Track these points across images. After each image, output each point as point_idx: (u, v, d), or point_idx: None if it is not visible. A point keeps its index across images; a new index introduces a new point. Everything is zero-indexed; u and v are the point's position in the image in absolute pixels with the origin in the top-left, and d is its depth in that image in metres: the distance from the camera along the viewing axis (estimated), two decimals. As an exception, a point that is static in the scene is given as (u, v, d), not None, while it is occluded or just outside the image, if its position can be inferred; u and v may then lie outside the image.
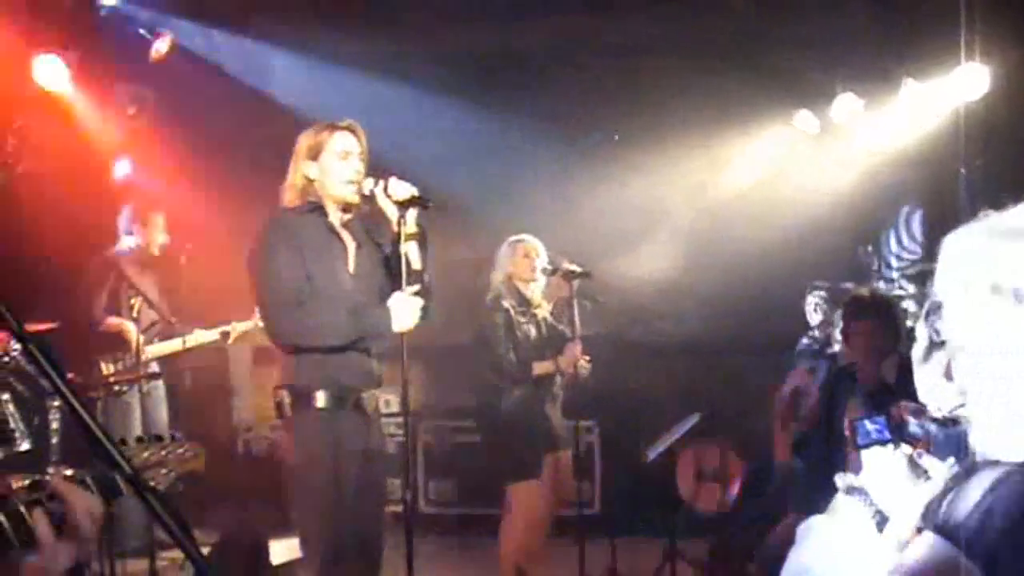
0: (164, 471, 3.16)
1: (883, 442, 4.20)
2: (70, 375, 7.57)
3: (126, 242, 9.49)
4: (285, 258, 5.69)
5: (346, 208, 5.87)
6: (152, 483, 2.97)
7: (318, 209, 5.84)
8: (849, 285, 9.61)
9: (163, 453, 3.23)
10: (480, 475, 10.24)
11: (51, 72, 9.77)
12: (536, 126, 11.43)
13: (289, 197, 5.86)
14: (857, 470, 2.98)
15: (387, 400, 6.12)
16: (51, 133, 9.98)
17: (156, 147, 11.07)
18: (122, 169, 10.98)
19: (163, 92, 11.04)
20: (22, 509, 2.43)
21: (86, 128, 10.76)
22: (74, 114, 10.51)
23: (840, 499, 2.90)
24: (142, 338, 8.77)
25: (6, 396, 7.10)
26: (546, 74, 11.34)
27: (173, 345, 9.22)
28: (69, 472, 2.66)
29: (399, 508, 5.98)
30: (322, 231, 5.83)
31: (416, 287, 5.75)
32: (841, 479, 2.91)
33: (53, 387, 2.02)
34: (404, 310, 5.66)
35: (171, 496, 2.02)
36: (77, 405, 2.00)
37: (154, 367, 9.09)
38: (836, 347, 8.92)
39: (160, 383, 9.50)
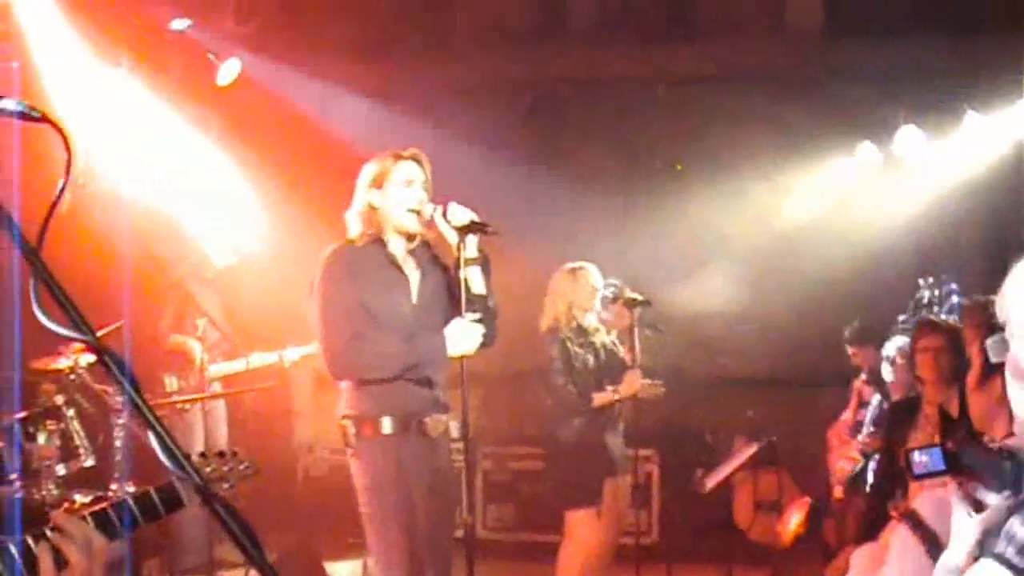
0: (225, 485, 3.23)
1: (938, 472, 4.20)
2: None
3: (191, 261, 9.58)
4: (343, 293, 5.78)
5: (410, 236, 5.91)
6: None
7: (378, 241, 5.90)
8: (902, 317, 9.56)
9: (224, 468, 3.30)
10: (539, 502, 10.26)
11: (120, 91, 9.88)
12: (599, 154, 11.47)
13: (353, 225, 5.93)
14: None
15: (450, 425, 6.12)
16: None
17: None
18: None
19: (227, 117, 11.16)
20: (29, 542, 2.56)
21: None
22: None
23: (895, 528, 2.93)
24: (206, 357, 8.85)
25: (71, 413, 7.19)
26: (610, 102, 11.37)
27: (236, 366, 9.30)
28: (84, 499, 2.77)
29: (459, 533, 5.99)
30: (383, 263, 5.88)
31: (477, 313, 5.80)
32: (895, 509, 2.94)
33: (129, 400, 2.09)
34: (460, 336, 5.71)
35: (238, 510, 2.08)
36: (152, 418, 2.07)
37: (216, 387, 9.17)
38: (888, 377, 8.86)
39: (221, 402, 9.58)
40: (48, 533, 2.62)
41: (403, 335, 5.79)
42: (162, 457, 2.21)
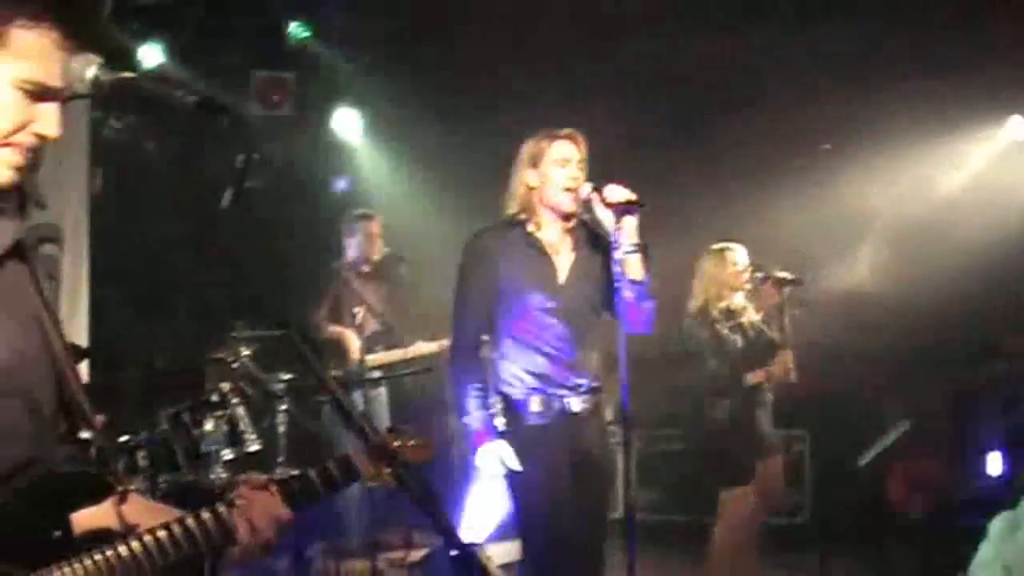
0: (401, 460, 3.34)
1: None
2: (288, 375, 7.91)
3: (348, 254, 9.76)
4: (478, 283, 5.94)
5: (566, 216, 5.93)
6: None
7: (524, 224, 5.96)
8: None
9: (397, 444, 3.43)
10: (689, 482, 10.31)
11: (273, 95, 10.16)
12: (744, 134, 11.46)
13: (509, 205, 6.01)
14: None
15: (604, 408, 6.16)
16: (270, 150, 10.37)
17: (371, 163, 11.43)
18: (340, 184, 11.33)
19: (377, 111, 11.39)
20: (222, 509, 2.77)
21: (303, 146, 11.17)
22: (293, 133, 10.92)
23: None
24: (363, 346, 8.99)
25: (236, 400, 7.39)
26: (756, 82, 11.35)
27: (393, 355, 9.47)
28: (262, 477, 2.93)
29: (616, 514, 6.03)
30: (524, 246, 5.94)
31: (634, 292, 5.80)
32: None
33: (318, 381, 2.22)
34: (482, 458, 5.86)
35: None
36: (340, 395, 2.20)
37: (376, 374, 9.31)
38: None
39: (383, 390, 9.75)
40: (238, 502, 2.80)
41: (548, 316, 5.86)
42: (348, 431, 2.34)
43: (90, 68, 2.46)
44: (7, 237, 2.65)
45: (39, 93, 2.52)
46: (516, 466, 5.70)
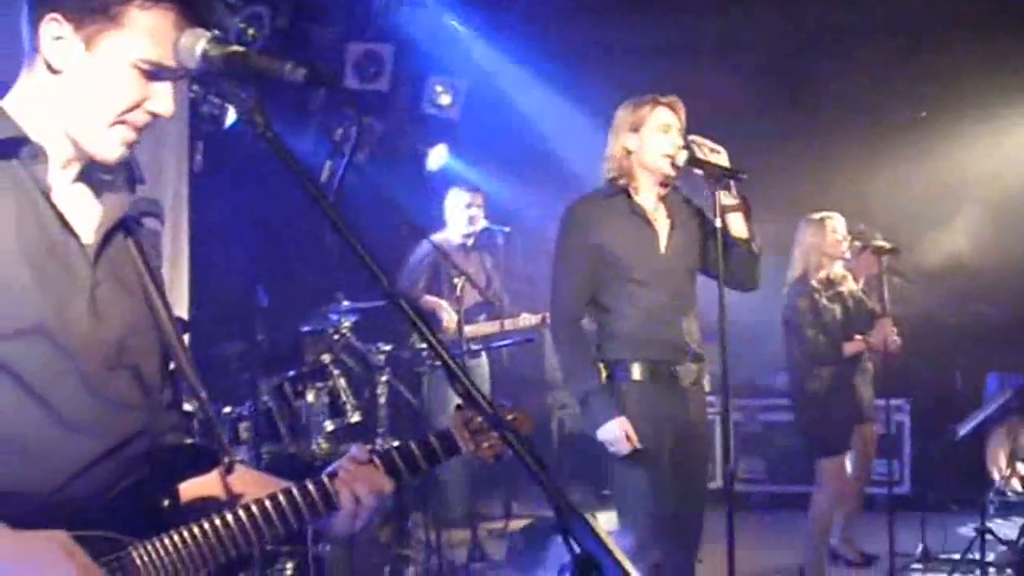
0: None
1: None
2: (387, 347, 7.96)
3: (450, 226, 9.81)
4: (577, 251, 5.86)
5: (663, 184, 5.89)
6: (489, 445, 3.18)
7: (624, 191, 5.90)
8: None
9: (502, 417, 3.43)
10: (789, 452, 10.29)
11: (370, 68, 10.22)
12: (840, 103, 11.38)
13: (608, 168, 5.94)
14: None
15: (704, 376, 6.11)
16: (368, 123, 10.42)
17: (471, 135, 11.46)
18: (438, 157, 11.36)
19: (474, 82, 11.41)
20: (325, 480, 2.80)
21: (400, 118, 11.22)
22: (389, 106, 10.97)
23: None
24: (462, 317, 9.01)
25: (337, 371, 7.46)
26: (851, 51, 11.25)
27: (491, 326, 9.50)
28: (365, 448, 2.97)
29: (715, 484, 6.00)
30: (628, 213, 5.88)
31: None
32: None
33: (430, 347, 2.23)
34: (611, 437, 5.65)
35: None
36: (452, 363, 2.21)
37: (476, 345, 9.30)
38: None
39: (483, 361, 9.77)
40: (341, 473, 2.84)
41: (650, 284, 5.81)
42: (460, 399, 2.36)
43: (199, 44, 2.48)
44: (116, 211, 2.69)
45: (154, 72, 2.57)
46: (638, 444, 5.64)
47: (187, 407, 3.40)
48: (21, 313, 2.47)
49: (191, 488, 2.75)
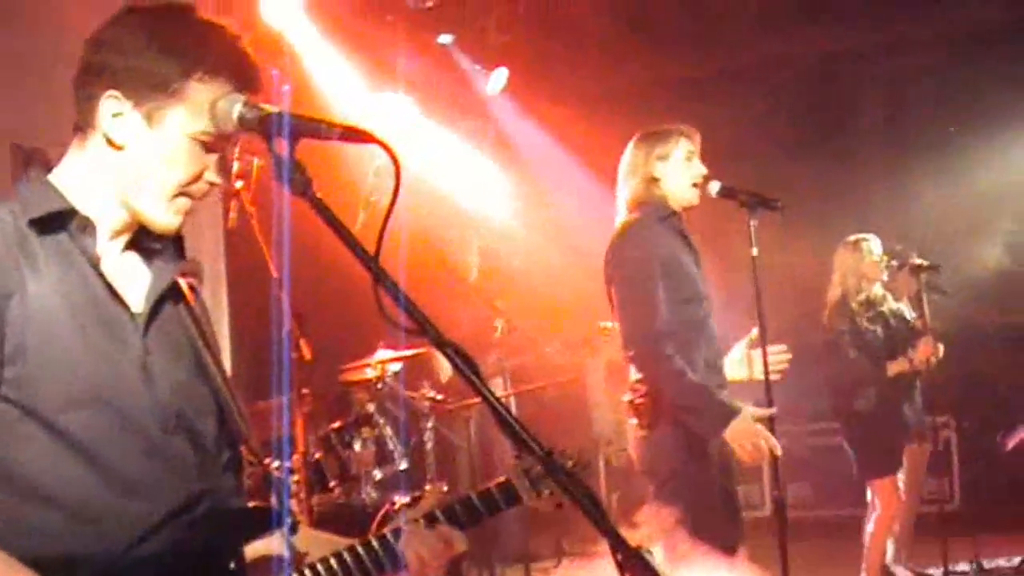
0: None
1: None
2: (431, 393, 7.98)
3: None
4: (652, 277, 5.64)
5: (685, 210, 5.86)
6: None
7: (671, 216, 5.82)
8: None
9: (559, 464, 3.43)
10: (838, 476, 10.23)
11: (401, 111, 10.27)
12: (870, 123, 11.37)
13: (631, 199, 5.85)
14: None
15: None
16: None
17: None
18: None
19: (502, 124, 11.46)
20: (390, 538, 2.87)
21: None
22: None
23: None
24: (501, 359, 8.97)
25: (383, 419, 7.50)
26: (880, 69, 11.25)
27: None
28: (403, 500, 3.03)
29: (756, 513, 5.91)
30: (679, 236, 5.82)
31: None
32: None
33: (475, 391, 2.24)
34: (742, 435, 5.43)
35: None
36: (502, 410, 2.22)
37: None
38: None
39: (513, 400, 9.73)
40: (406, 534, 2.91)
41: (703, 305, 5.74)
42: (512, 446, 2.37)
43: (235, 108, 2.52)
44: (165, 279, 2.73)
45: (212, 144, 2.62)
46: (777, 449, 5.52)
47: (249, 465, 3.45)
48: (78, 384, 2.50)
49: (256, 549, 2.79)
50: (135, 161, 2.61)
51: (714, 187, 5.76)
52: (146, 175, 2.62)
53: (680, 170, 5.80)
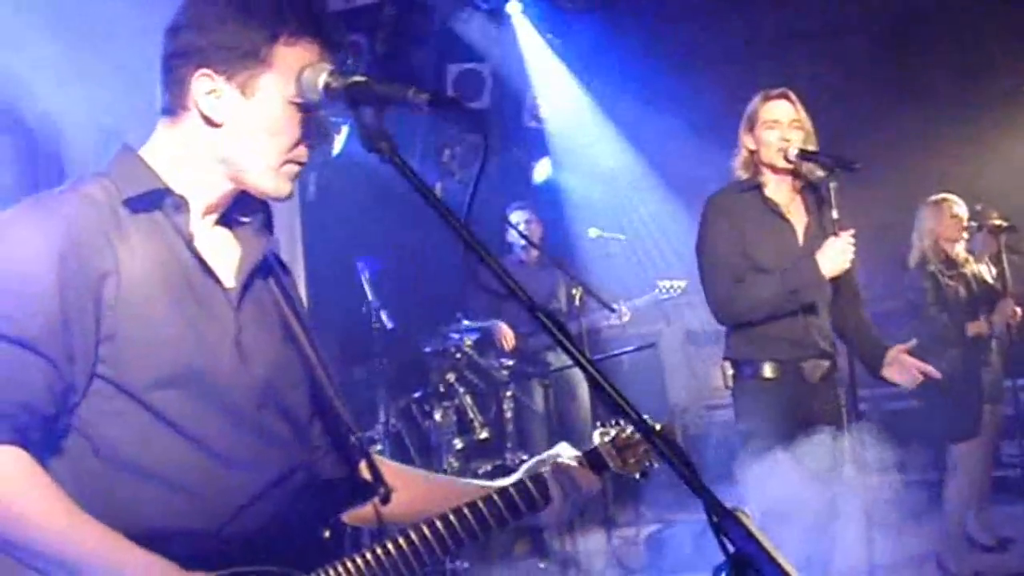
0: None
1: None
2: (510, 362, 8.00)
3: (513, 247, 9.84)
4: (723, 237, 5.80)
5: (795, 175, 5.86)
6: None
7: (755, 188, 5.88)
8: None
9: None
10: (918, 440, 10.16)
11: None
12: (948, 79, 11.23)
13: (735, 168, 5.97)
14: None
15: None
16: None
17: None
18: (544, 170, 11.46)
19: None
20: (546, 476, 3.02)
21: (502, 135, 11.32)
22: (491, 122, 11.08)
23: None
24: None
25: (463, 389, 7.52)
26: (955, 25, 11.11)
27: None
28: (571, 453, 3.10)
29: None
30: (763, 209, 5.85)
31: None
32: None
33: (570, 356, 2.24)
34: (833, 252, 5.57)
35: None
36: (596, 373, 2.22)
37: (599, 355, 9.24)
38: None
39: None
40: (551, 470, 3.06)
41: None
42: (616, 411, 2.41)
43: (321, 77, 2.53)
44: (255, 254, 2.76)
45: (308, 105, 2.63)
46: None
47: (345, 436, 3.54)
48: (174, 360, 2.53)
49: (351, 519, 2.85)
50: (237, 134, 2.63)
51: (792, 151, 5.73)
52: (251, 147, 2.64)
53: (766, 136, 5.82)
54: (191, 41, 2.60)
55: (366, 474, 2.91)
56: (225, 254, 2.73)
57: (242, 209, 2.76)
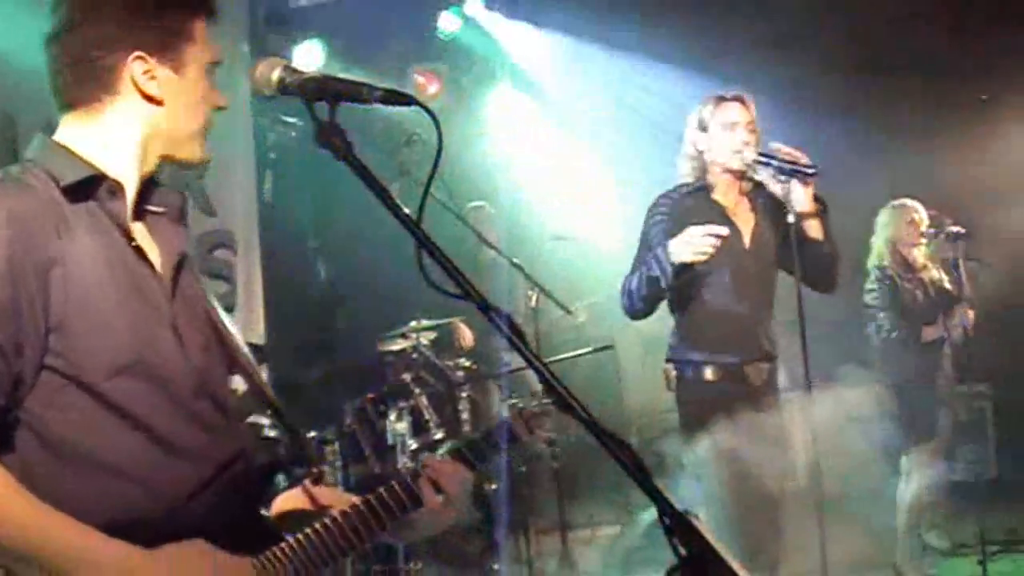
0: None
1: None
2: (467, 362, 7.99)
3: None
4: (665, 238, 5.70)
5: (740, 178, 5.88)
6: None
7: (701, 190, 5.88)
8: None
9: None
10: (872, 444, 10.20)
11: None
12: (901, 86, 11.28)
13: (681, 168, 5.98)
14: None
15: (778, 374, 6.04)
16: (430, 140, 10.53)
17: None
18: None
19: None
20: (409, 480, 3.00)
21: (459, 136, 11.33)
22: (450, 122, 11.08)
23: None
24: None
25: (418, 390, 7.48)
26: (913, 35, 11.17)
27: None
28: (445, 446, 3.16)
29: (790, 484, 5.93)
30: (707, 211, 5.81)
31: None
32: None
33: (522, 356, 2.23)
34: (685, 237, 5.50)
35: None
36: (546, 372, 2.21)
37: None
38: None
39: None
40: (424, 472, 3.03)
41: (729, 283, 5.80)
42: (550, 400, 2.41)
43: (275, 72, 2.52)
44: (178, 244, 2.80)
45: (213, 71, 2.79)
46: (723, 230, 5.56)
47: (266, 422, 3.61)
48: (121, 350, 2.55)
49: (282, 502, 2.95)
50: (174, 108, 2.71)
51: (748, 156, 5.75)
52: (188, 121, 2.75)
53: (719, 138, 5.83)
54: (112, 31, 2.64)
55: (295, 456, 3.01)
56: (150, 243, 2.75)
57: (151, 199, 2.80)
